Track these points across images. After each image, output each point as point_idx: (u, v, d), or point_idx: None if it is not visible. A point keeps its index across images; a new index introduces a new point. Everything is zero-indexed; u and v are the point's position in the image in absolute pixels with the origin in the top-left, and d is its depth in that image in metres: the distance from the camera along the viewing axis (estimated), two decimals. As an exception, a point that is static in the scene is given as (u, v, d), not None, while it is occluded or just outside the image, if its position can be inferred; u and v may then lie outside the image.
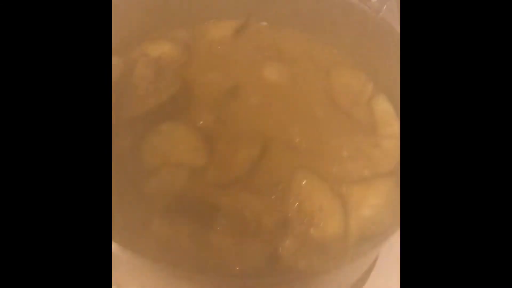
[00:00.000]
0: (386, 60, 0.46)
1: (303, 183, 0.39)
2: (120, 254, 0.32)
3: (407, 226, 0.26)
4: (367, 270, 0.44)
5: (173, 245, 0.37)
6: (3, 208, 0.23)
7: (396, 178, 0.41)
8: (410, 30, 0.27)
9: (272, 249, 0.37)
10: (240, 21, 0.52)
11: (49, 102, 0.25)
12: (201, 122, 0.43)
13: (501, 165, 0.25)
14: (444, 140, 0.25)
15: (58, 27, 0.25)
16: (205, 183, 0.40)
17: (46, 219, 0.24)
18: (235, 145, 0.42)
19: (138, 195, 0.39)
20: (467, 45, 0.26)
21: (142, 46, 0.50)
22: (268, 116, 0.45)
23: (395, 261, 0.30)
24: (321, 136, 0.44)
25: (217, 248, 0.37)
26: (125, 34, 0.48)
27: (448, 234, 0.25)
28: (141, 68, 0.48)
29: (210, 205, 0.39)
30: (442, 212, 0.25)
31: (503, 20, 0.25)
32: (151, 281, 0.34)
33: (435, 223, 0.25)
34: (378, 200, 0.39)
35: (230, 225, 0.38)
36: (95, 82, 0.26)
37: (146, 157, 0.41)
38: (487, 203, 0.24)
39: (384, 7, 0.61)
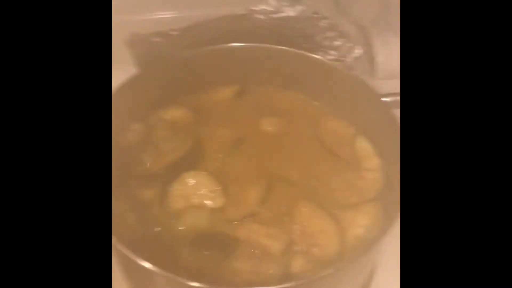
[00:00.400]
0: (362, 108, 0.56)
1: (304, 210, 0.48)
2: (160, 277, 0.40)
3: (407, 227, 0.26)
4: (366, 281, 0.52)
5: (201, 270, 0.45)
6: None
7: (379, 202, 0.50)
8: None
9: (283, 266, 0.46)
10: (238, 85, 0.62)
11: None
12: (214, 169, 0.52)
13: (500, 175, 0.25)
14: (441, 147, 0.26)
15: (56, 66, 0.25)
16: (224, 219, 0.49)
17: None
18: (246, 186, 0.51)
19: (169, 232, 0.48)
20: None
21: (159, 112, 0.59)
22: (270, 159, 0.54)
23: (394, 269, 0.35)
24: (315, 173, 0.53)
25: (238, 270, 0.45)
26: (143, 104, 0.58)
27: (448, 235, 0.25)
28: (159, 130, 0.58)
29: (229, 237, 0.48)
30: (441, 213, 0.25)
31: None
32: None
33: (435, 224, 0.25)
34: (366, 221, 0.48)
35: (247, 251, 0.47)
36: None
37: (173, 201, 0.50)
38: (487, 205, 0.24)
39: (358, 65, 0.72)
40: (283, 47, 0.61)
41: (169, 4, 0.84)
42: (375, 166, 0.54)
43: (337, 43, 0.77)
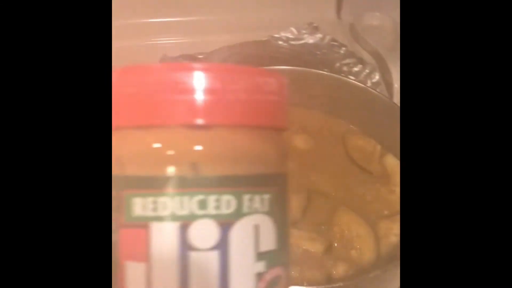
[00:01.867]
0: (388, 126, 0.61)
1: (343, 217, 0.52)
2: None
3: (407, 227, 0.25)
4: None
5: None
6: None
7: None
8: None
9: (325, 270, 0.49)
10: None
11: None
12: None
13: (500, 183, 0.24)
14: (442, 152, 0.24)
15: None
16: None
17: None
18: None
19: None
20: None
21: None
22: (305, 174, 0.58)
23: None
24: (349, 187, 0.57)
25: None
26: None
27: (448, 236, 0.24)
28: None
29: None
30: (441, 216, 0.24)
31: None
32: None
33: (435, 226, 0.24)
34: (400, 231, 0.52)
35: (293, 258, 0.50)
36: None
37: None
38: (487, 207, 0.24)
39: (382, 84, 0.77)
40: (308, 69, 0.66)
41: (196, 29, 0.89)
42: (403, 181, 0.58)
43: (356, 69, 0.82)
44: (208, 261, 0.21)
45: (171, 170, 0.21)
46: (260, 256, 0.22)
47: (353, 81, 0.67)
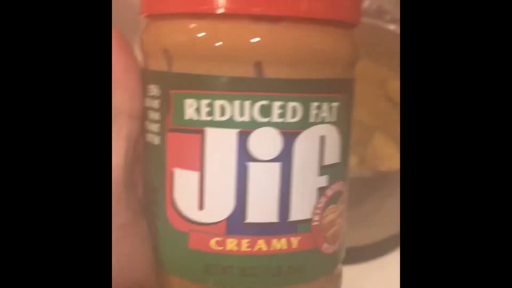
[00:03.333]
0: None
1: (379, 140, 0.52)
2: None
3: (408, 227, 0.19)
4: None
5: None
6: None
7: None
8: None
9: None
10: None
11: None
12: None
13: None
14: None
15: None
16: None
17: None
18: None
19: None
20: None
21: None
22: None
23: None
24: (387, 120, 0.56)
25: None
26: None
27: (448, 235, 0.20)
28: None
29: None
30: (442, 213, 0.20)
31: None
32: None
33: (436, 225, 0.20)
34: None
35: None
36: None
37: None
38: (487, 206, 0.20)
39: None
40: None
41: None
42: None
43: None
44: (269, 173, 0.19)
45: (229, 68, 0.18)
46: (324, 170, 0.20)
47: (393, 29, 0.63)
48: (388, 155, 0.52)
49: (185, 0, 0.18)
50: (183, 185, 0.19)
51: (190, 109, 0.19)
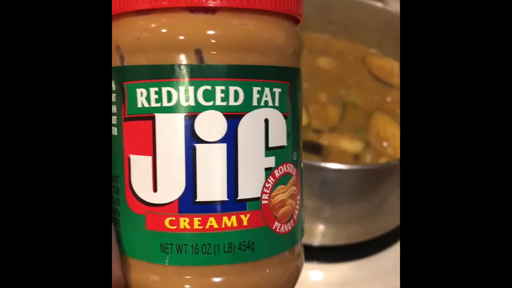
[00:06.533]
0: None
1: (380, 119, 0.54)
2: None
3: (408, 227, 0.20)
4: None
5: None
6: None
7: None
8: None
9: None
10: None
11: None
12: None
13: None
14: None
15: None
16: (311, 132, 0.54)
17: None
18: (324, 106, 0.56)
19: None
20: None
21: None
22: (335, 90, 0.58)
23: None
24: (376, 96, 0.58)
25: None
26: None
27: (448, 235, 0.20)
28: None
29: (316, 143, 0.53)
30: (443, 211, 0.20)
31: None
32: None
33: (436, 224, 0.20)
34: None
35: (332, 154, 0.51)
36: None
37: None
38: (488, 206, 0.19)
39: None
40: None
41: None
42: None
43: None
44: (215, 154, 0.20)
45: (173, 57, 0.20)
46: (270, 151, 0.21)
47: (370, 2, 0.65)
48: (392, 135, 0.54)
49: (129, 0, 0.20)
50: (138, 169, 0.21)
51: (141, 97, 0.20)
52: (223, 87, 0.20)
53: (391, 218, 0.53)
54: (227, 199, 0.20)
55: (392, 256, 0.53)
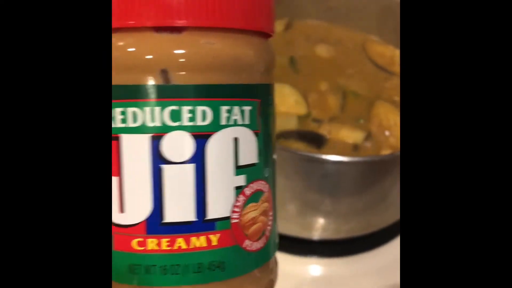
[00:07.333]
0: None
1: (380, 109, 0.53)
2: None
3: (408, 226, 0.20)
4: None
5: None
6: None
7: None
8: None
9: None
10: (286, 20, 0.64)
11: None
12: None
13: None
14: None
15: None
16: (310, 121, 0.53)
17: None
18: (324, 95, 0.56)
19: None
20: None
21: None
22: (334, 79, 0.57)
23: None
24: (377, 85, 0.58)
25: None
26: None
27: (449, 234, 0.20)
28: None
29: (316, 133, 0.52)
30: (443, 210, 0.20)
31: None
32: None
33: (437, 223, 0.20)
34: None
35: (332, 145, 0.51)
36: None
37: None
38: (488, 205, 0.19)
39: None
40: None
41: None
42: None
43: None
44: (183, 174, 0.20)
45: (139, 78, 0.19)
46: (240, 169, 0.21)
47: None
48: (394, 124, 0.53)
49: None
50: (106, 190, 0.20)
51: (107, 118, 0.20)
52: (190, 107, 0.19)
53: (393, 212, 0.52)
54: (195, 220, 0.20)
55: (394, 250, 0.53)
